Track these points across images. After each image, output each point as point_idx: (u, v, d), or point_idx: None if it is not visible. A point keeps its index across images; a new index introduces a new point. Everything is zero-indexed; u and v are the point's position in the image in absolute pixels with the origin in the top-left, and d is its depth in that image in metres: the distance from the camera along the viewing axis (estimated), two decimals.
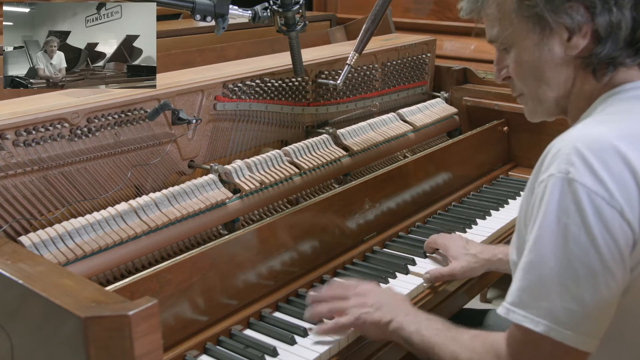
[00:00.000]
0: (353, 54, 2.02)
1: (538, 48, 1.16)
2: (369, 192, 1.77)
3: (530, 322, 1.03)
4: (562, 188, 1.01)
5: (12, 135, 1.31)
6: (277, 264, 1.51)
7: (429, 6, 3.26)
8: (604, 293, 1.01)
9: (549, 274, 1.02)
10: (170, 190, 1.49)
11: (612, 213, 0.99)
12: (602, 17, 1.09)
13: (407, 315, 1.30)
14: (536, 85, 1.20)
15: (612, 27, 1.10)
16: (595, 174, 0.99)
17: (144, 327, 0.88)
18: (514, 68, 1.22)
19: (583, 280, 1.00)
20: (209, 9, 1.49)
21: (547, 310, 1.02)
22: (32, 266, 1.05)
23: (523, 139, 2.34)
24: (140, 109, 1.53)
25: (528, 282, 1.04)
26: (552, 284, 1.02)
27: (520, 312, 1.05)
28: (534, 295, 1.03)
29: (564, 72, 1.16)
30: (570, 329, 1.01)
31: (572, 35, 1.12)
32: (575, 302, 1.01)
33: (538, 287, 1.03)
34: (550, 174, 1.03)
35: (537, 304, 1.03)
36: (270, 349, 1.29)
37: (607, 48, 1.11)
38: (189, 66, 1.91)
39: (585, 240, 0.99)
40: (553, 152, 1.05)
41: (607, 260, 0.99)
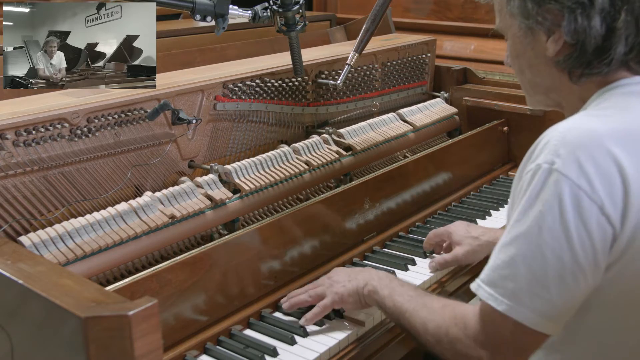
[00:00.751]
0: (353, 54, 2.02)
1: (523, 45, 1.20)
2: (369, 192, 1.77)
3: (494, 301, 1.07)
4: (545, 178, 1.03)
5: (12, 135, 1.31)
6: (277, 264, 1.51)
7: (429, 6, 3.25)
8: (570, 284, 1.03)
9: (519, 258, 1.05)
10: (170, 190, 1.49)
11: (591, 207, 1.00)
12: (569, 25, 1.11)
13: (380, 279, 1.36)
14: (526, 77, 1.26)
15: (579, 34, 1.11)
16: (580, 166, 1.01)
17: (144, 327, 0.88)
18: (510, 57, 1.28)
19: (551, 269, 1.03)
20: (209, 9, 1.49)
21: (512, 291, 1.05)
22: (32, 266, 1.05)
23: (523, 139, 2.33)
24: (140, 109, 1.53)
25: (499, 262, 1.08)
26: (521, 268, 1.05)
27: (487, 289, 1.09)
28: (503, 275, 1.07)
29: (547, 69, 1.19)
30: (532, 311, 1.04)
31: (548, 37, 1.15)
32: (540, 287, 1.04)
33: (507, 268, 1.06)
34: (537, 163, 1.05)
35: (504, 284, 1.06)
36: (270, 349, 1.29)
37: (576, 55, 1.13)
38: (189, 66, 1.91)
39: (559, 231, 1.01)
40: (543, 142, 1.07)
41: (578, 253, 1.02)
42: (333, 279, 1.43)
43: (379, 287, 1.34)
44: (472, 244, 1.63)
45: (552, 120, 2.21)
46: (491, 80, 2.50)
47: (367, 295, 1.36)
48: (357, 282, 1.38)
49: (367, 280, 1.37)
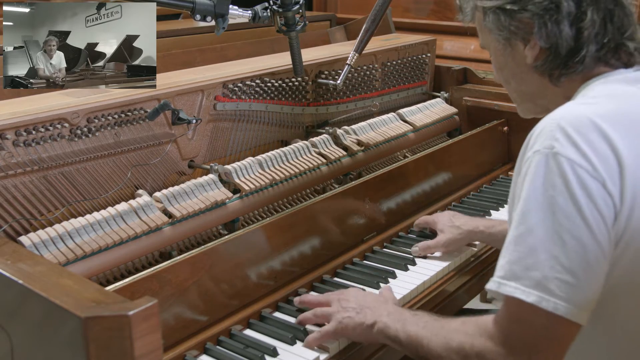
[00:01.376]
0: (353, 54, 2.02)
1: (504, 57, 1.27)
2: (369, 192, 1.77)
3: (522, 293, 1.04)
4: (547, 162, 1.05)
5: (12, 135, 1.31)
6: (277, 264, 1.51)
7: (429, 6, 3.26)
8: (593, 264, 1.03)
9: (539, 245, 1.04)
10: (170, 190, 1.49)
11: (595, 184, 1.02)
12: (540, 31, 1.17)
13: (390, 315, 1.29)
14: (512, 88, 1.31)
15: (551, 39, 1.17)
16: (578, 147, 1.03)
17: (144, 327, 0.88)
18: (495, 72, 1.34)
19: (572, 251, 1.02)
20: (209, 9, 1.49)
21: (538, 281, 1.03)
22: (32, 266, 1.05)
23: (523, 139, 2.29)
24: (140, 109, 1.52)
25: (518, 254, 1.06)
26: (542, 255, 1.03)
27: (512, 284, 1.05)
28: (525, 266, 1.05)
29: (529, 76, 1.25)
30: (562, 300, 1.02)
31: (525, 46, 1.21)
32: (566, 272, 1.02)
33: (528, 258, 1.04)
34: (535, 150, 1.07)
35: (528, 275, 1.04)
36: (270, 349, 1.29)
37: (550, 58, 1.19)
38: (189, 66, 1.91)
39: (573, 211, 1.02)
40: (537, 131, 1.10)
41: (595, 231, 1.02)
42: (342, 304, 1.35)
43: (389, 323, 1.26)
44: (454, 233, 1.70)
45: None
46: (491, 80, 2.50)
47: (377, 333, 1.28)
48: (364, 316, 1.31)
49: (376, 318, 1.29)
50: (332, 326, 1.32)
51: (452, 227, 1.71)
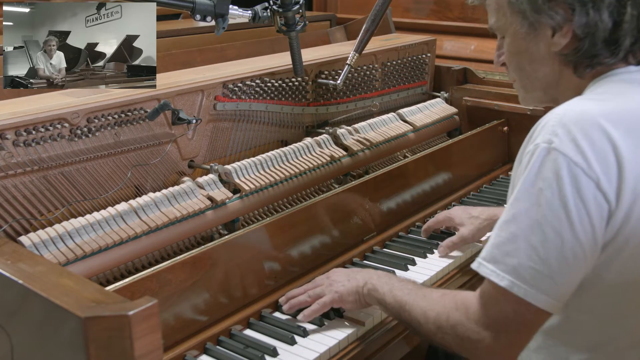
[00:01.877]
0: (353, 54, 2.02)
1: (526, 41, 1.23)
2: (369, 192, 1.77)
3: (496, 277, 1.09)
4: (544, 156, 1.06)
5: (12, 135, 1.31)
6: (277, 264, 1.51)
7: (429, 6, 3.26)
8: (569, 258, 1.05)
9: (520, 234, 1.07)
10: (170, 190, 1.49)
11: (588, 183, 1.03)
12: (580, 18, 1.14)
13: (379, 278, 1.37)
14: (525, 74, 1.28)
15: (589, 27, 1.15)
16: (576, 144, 1.04)
17: (144, 327, 0.88)
18: (506, 56, 1.30)
19: (551, 244, 1.05)
20: (209, 9, 1.49)
21: (513, 267, 1.07)
22: (32, 266, 1.05)
23: (523, 139, 2.31)
24: (140, 109, 1.52)
25: (500, 239, 1.10)
26: (522, 244, 1.07)
27: (489, 266, 1.11)
28: (504, 252, 1.09)
29: (549, 65, 1.23)
30: (533, 287, 1.06)
31: (554, 33, 1.18)
32: (540, 262, 1.06)
33: (508, 244, 1.08)
34: (535, 143, 1.09)
35: (505, 260, 1.08)
36: (270, 349, 1.29)
37: (585, 47, 1.16)
38: (189, 66, 1.91)
39: (559, 207, 1.04)
40: (541, 125, 1.11)
41: (577, 228, 1.04)
42: (332, 279, 1.44)
43: (378, 285, 1.34)
44: (474, 223, 1.71)
45: None
46: (491, 80, 2.50)
47: (367, 294, 1.36)
48: (356, 281, 1.39)
49: (366, 280, 1.38)
50: (328, 297, 1.39)
51: (471, 218, 1.72)
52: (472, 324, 1.13)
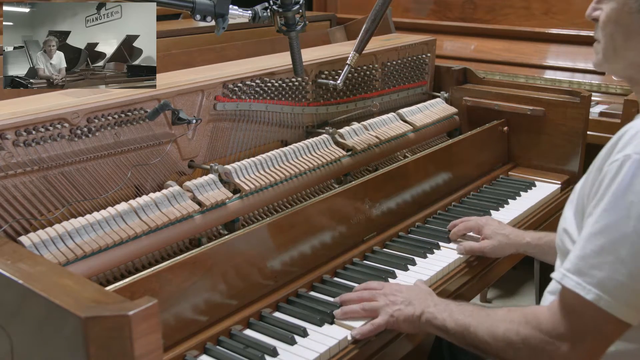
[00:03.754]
0: (353, 54, 2.02)
1: (631, 17, 1.18)
2: (369, 192, 1.78)
3: (582, 289, 1.08)
4: (637, 168, 1.04)
5: (12, 135, 1.31)
6: (277, 264, 1.51)
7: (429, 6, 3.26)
8: None
9: (608, 247, 1.06)
10: (170, 190, 1.49)
11: None
12: None
13: (436, 305, 1.35)
14: (613, 45, 1.23)
15: None
16: None
17: (144, 327, 0.88)
18: (603, 18, 1.23)
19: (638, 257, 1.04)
20: (209, 9, 1.49)
21: (600, 280, 1.07)
22: (32, 266, 1.05)
23: (523, 139, 2.34)
24: (140, 109, 1.53)
25: (587, 251, 1.09)
26: (609, 256, 1.06)
27: (574, 278, 1.09)
28: (590, 264, 1.08)
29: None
30: (618, 300, 1.06)
31: None
32: (629, 276, 1.05)
33: (595, 257, 1.07)
34: (626, 154, 1.06)
35: (591, 273, 1.07)
36: (270, 349, 1.29)
37: None
38: (189, 66, 1.91)
39: None
40: (631, 134, 1.08)
41: None
42: (390, 298, 1.40)
43: (436, 312, 1.32)
44: (501, 241, 1.70)
45: (552, 121, 2.23)
46: (491, 80, 2.51)
47: (424, 323, 1.34)
48: (413, 308, 1.36)
49: (423, 308, 1.35)
50: (383, 319, 1.37)
51: (500, 235, 1.71)
52: (546, 335, 1.13)
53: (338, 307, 1.44)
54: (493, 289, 3.23)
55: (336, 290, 1.52)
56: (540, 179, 2.24)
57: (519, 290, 3.21)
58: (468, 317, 1.26)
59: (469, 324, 1.25)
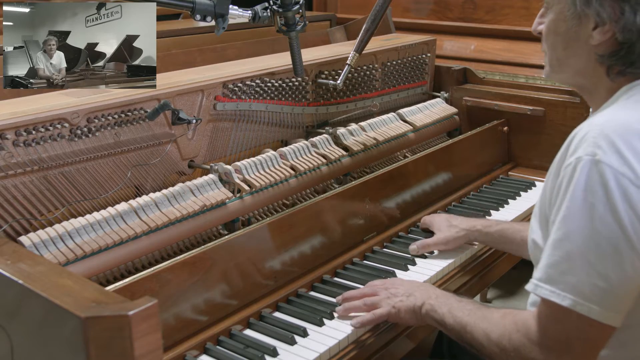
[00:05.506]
0: (353, 54, 2.02)
1: (568, 25, 1.19)
2: (369, 192, 1.77)
3: (557, 297, 1.07)
4: (589, 169, 1.05)
5: (12, 135, 1.31)
6: (277, 264, 1.51)
7: (429, 6, 3.26)
8: (629, 270, 1.04)
9: (575, 251, 1.06)
10: (170, 190, 1.49)
11: (637, 193, 1.02)
12: (625, 22, 1.12)
13: (437, 298, 1.35)
14: (556, 54, 1.25)
15: (632, 33, 1.12)
16: (621, 155, 1.03)
17: (144, 327, 0.88)
18: (545, 29, 1.26)
19: (608, 257, 1.04)
20: (209, 9, 1.49)
21: (573, 286, 1.06)
22: (32, 266, 1.05)
23: (523, 139, 2.34)
24: (140, 109, 1.53)
25: (555, 258, 1.08)
26: (578, 261, 1.05)
27: (548, 287, 1.09)
28: (561, 271, 1.07)
29: (584, 57, 1.20)
30: (595, 304, 1.05)
31: (596, 27, 1.15)
32: (600, 278, 1.04)
33: (565, 263, 1.07)
34: (577, 156, 1.07)
35: (564, 279, 1.07)
36: (270, 349, 1.29)
37: (622, 53, 1.14)
38: (189, 66, 1.91)
39: (611, 219, 1.03)
40: (580, 136, 1.09)
41: (632, 239, 1.03)
42: (391, 291, 1.42)
43: (436, 306, 1.33)
44: (451, 232, 1.71)
45: (552, 121, 2.23)
46: (491, 80, 2.50)
47: (424, 315, 1.35)
48: (414, 299, 1.37)
49: (424, 299, 1.36)
50: (385, 310, 1.38)
51: (449, 227, 1.73)
52: (535, 346, 1.12)
53: (339, 305, 1.44)
54: (493, 289, 3.23)
55: (336, 290, 1.52)
56: (540, 179, 2.23)
57: (519, 290, 3.21)
58: (466, 315, 1.27)
59: (466, 323, 1.26)
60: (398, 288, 1.42)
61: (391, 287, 1.44)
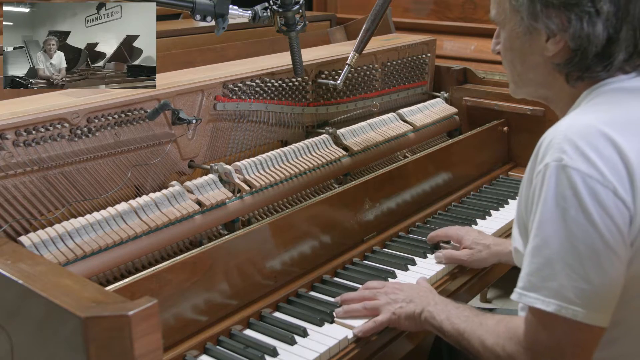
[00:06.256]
0: (353, 54, 2.02)
1: (520, 41, 1.23)
2: (369, 192, 1.77)
3: (542, 303, 1.08)
4: (557, 175, 1.06)
5: (12, 135, 1.31)
6: (277, 264, 1.51)
7: (429, 6, 3.26)
8: (608, 269, 1.05)
9: (554, 256, 1.06)
10: (170, 190, 1.49)
11: (606, 193, 1.04)
12: (574, 30, 1.14)
13: (436, 305, 1.36)
14: (516, 71, 1.28)
15: (582, 40, 1.14)
16: (586, 158, 1.05)
17: (144, 327, 0.88)
18: (502, 48, 1.29)
19: (586, 259, 1.05)
20: (209, 9, 1.49)
21: (556, 291, 1.07)
22: (32, 266, 1.05)
23: (523, 139, 2.34)
24: (140, 109, 1.53)
25: (535, 265, 1.09)
26: (558, 265, 1.06)
27: (531, 294, 1.10)
28: (542, 277, 1.08)
29: (541, 69, 1.23)
30: (580, 306, 1.06)
31: (548, 39, 1.18)
32: (582, 280, 1.05)
33: (545, 269, 1.08)
34: (545, 163, 1.08)
35: (546, 285, 1.08)
36: (270, 349, 1.29)
37: (577, 60, 1.17)
38: (189, 66, 1.91)
39: (584, 221, 1.04)
40: (546, 143, 1.11)
41: (607, 238, 1.04)
42: (391, 297, 1.42)
43: (435, 313, 1.34)
44: (481, 251, 1.67)
45: (552, 121, 2.21)
46: (491, 80, 2.50)
47: (423, 321, 1.36)
48: (414, 305, 1.38)
49: (423, 306, 1.37)
50: (385, 317, 1.39)
51: (480, 245, 1.68)
52: (529, 353, 1.13)
53: (338, 306, 1.44)
54: (493, 289, 3.23)
55: (336, 290, 1.52)
56: None
57: None
58: (463, 322, 1.28)
59: (463, 330, 1.26)
60: (398, 293, 1.43)
61: (391, 292, 1.44)
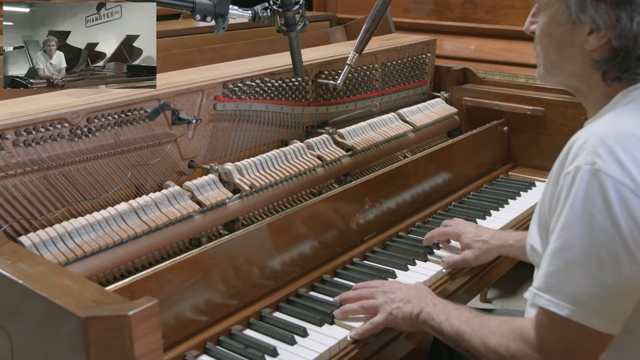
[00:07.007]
0: (353, 54, 2.02)
1: (562, 28, 1.18)
2: (369, 192, 1.77)
3: (556, 307, 1.07)
4: (589, 179, 1.04)
5: (12, 135, 1.31)
6: (277, 264, 1.51)
7: (429, 6, 3.26)
8: (628, 278, 1.04)
9: (575, 260, 1.05)
10: (170, 190, 1.49)
11: (637, 202, 1.02)
12: (621, 29, 1.11)
13: (435, 306, 1.35)
14: (549, 57, 1.24)
15: (628, 40, 1.12)
16: (621, 164, 1.03)
17: (144, 327, 0.88)
18: (539, 31, 1.25)
19: (607, 266, 1.04)
20: (209, 9, 1.49)
21: (572, 295, 1.06)
22: (32, 266, 1.05)
23: (523, 139, 2.34)
24: (140, 109, 1.53)
25: (554, 267, 1.08)
26: (577, 270, 1.05)
27: (546, 296, 1.09)
28: (560, 280, 1.07)
29: (579, 61, 1.19)
30: (594, 313, 1.05)
31: (591, 32, 1.15)
32: (599, 287, 1.04)
33: (563, 272, 1.07)
34: (577, 165, 1.06)
35: (562, 289, 1.07)
36: (270, 349, 1.29)
37: (618, 60, 1.14)
38: (189, 66, 1.91)
39: (610, 228, 1.03)
40: (578, 144, 1.08)
41: (632, 248, 1.03)
42: (389, 296, 1.40)
43: (434, 314, 1.32)
44: (482, 248, 1.65)
45: (552, 121, 2.23)
46: (491, 80, 2.51)
47: (421, 322, 1.34)
48: (412, 306, 1.36)
49: (421, 307, 1.35)
50: (382, 317, 1.37)
51: (479, 242, 1.66)
52: (535, 352, 1.12)
53: (338, 307, 1.44)
54: (493, 289, 3.23)
55: (336, 290, 1.52)
56: (540, 179, 2.23)
57: (519, 290, 3.21)
58: (464, 323, 1.26)
59: (464, 330, 1.25)
60: (395, 293, 1.41)
61: (389, 291, 1.42)
